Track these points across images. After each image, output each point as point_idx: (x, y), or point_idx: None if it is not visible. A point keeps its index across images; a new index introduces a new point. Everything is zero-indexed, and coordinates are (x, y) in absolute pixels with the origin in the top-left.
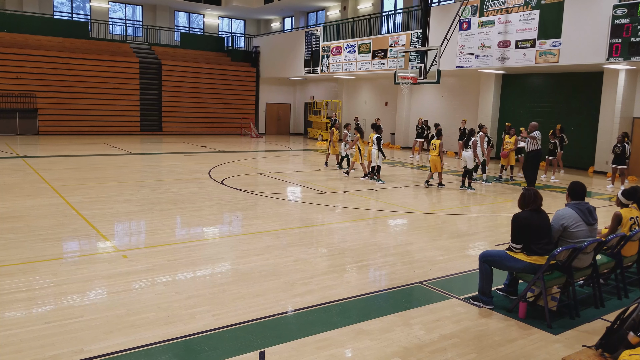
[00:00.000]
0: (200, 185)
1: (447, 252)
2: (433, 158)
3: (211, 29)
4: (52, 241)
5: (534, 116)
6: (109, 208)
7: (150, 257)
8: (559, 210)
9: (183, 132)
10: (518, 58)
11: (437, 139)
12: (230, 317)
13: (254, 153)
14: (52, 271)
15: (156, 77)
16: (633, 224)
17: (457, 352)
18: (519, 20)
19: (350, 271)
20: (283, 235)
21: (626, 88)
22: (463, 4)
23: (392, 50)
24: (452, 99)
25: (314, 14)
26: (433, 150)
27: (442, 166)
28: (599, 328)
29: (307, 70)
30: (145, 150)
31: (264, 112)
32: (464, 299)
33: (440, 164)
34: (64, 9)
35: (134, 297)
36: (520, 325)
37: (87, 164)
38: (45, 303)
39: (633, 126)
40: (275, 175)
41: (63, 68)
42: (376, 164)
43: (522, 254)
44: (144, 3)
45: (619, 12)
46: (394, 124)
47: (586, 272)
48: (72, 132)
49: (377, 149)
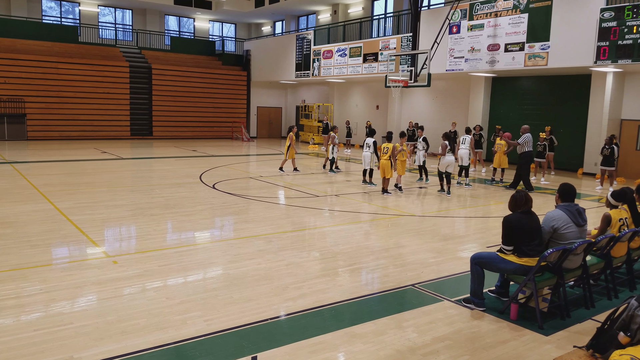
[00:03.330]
0: (192, 189)
1: (439, 255)
2: (383, 162)
3: (202, 33)
4: (42, 247)
5: (524, 118)
6: (99, 213)
7: (141, 262)
8: (549, 212)
9: (174, 136)
10: (507, 61)
11: (388, 143)
12: (223, 322)
13: (245, 157)
14: (41, 278)
15: (146, 82)
16: (622, 225)
17: (449, 354)
18: (508, 24)
19: (343, 274)
20: (275, 239)
21: (614, 90)
22: (453, 7)
23: (383, 54)
24: (442, 102)
25: (304, 17)
26: (384, 154)
27: (392, 172)
28: (590, 328)
29: (299, 73)
30: (136, 154)
31: (255, 116)
32: (456, 301)
33: (391, 170)
34: (53, 13)
35: (124, 303)
36: (511, 327)
37: (77, 169)
38: (34, 310)
39: (621, 128)
40: (266, 179)
41: (52, 72)
42: (369, 168)
43: (513, 255)
44: (133, 7)
45: (606, 16)
46: (385, 127)
47: (576, 273)
48: (61, 137)
49: (373, 152)
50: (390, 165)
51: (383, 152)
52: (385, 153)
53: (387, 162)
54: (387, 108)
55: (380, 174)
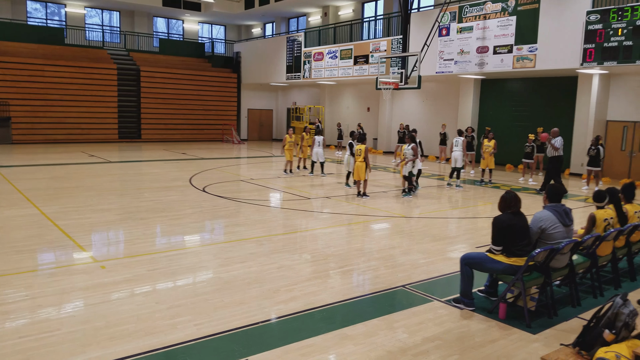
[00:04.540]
0: (181, 193)
1: (429, 256)
2: (358, 164)
3: (191, 35)
4: (27, 253)
5: (513, 120)
6: (87, 218)
7: (129, 267)
8: (537, 213)
9: (163, 139)
10: (496, 63)
11: (362, 144)
12: (213, 326)
13: (235, 159)
14: (27, 284)
15: (135, 84)
16: (607, 225)
17: (439, 354)
18: (496, 26)
19: (334, 277)
20: (266, 242)
21: (600, 92)
22: (442, 10)
23: (374, 56)
24: (432, 103)
25: (295, 19)
26: (358, 156)
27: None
28: (576, 326)
29: (289, 76)
30: (124, 158)
31: (245, 118)
32: (445, 301)
33: (365, 172)
34: (38, 14)
35: (112, 309)
36: (500, 326)
37: (63, 173)
38: (19, 317)
39: (607, 129)
40: (257, 181)
41: (38, 75)
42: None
43: (502, 255)
44: (121, 9)
45: (592, 18)
46: (377, 129)
47: (563, 272)
48: (47, 140)
49: (350, 154)
50: (366, 167)
51: (356, 154)
52: (358, 155)
53: (361, 164)
54: (378, 110)
55: (355, 176)
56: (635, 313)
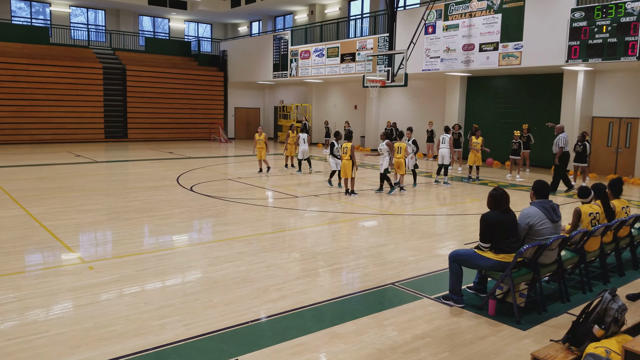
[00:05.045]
0: (169, 192)
1: (418, 253)
2: (344, 163)
3: (177, 34)
4: (14, 254)
5: (499, 117)
6: (73, 218)
7: (117, 267)
8: (525, 209)
9: (149, 138)
10: (482, 61)
11: (348, 142)
12: (202, 326)
13: (223, 158)
14: (14, 285)
15: (121, 83)
16: (593, 219)
17: (430, 352)
18: (482, 24)
19: (324, 275)
20: (255, 241)
21: (585, 89)
22: (428, 8)
23: (360, 54)
24: (419, 101)
25: (281, 18)
26: (344, 154)
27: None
28: (566, 322)
29: (276, 74)
30: (110, 157)
31: (232, 117)
32: (435, 298)
33: (352, 170)
34: (23, 13)
35: (101, 310)
36: (490, 323)
37: (50, 173)
38: (7, 319)
39: (592, 125)
40: (245, 180)
41: (22, 75)
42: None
43: (491, 252)
44: (106, 7)
45: (577, 16)
46: (364, 127)
47: (552, 268)
48: (32, 140)
49: (330, 154)
50: (352, 165)
51: (343, 152)
52: (345, 153)
53: (348, 163)
54: (365, 108)
55: (342, 174)
56: (624, 308)
